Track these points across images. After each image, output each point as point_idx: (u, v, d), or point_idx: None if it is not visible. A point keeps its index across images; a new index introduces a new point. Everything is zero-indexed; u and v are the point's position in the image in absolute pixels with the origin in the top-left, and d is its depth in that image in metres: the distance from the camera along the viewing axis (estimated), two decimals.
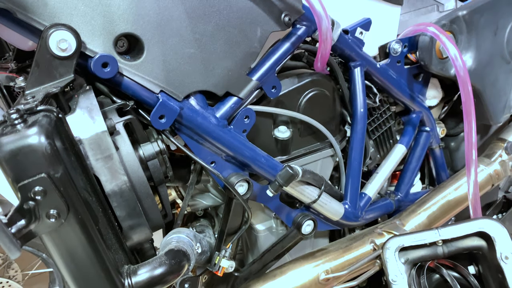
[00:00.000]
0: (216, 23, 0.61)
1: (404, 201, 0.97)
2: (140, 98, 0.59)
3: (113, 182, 0.52)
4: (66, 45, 0.50)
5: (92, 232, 0.47)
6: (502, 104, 0.97)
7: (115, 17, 0.54)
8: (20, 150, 0.41)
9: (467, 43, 0.87)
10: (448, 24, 0.84)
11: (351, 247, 0.84)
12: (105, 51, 0.54)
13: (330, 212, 0.81)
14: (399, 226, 0.89)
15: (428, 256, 0.77)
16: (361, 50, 0.79)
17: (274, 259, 0.82)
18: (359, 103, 0.79)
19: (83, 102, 0.53)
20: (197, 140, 0.65)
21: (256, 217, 0.85)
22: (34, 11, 0.50)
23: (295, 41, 0.69)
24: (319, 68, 0.74)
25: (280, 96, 0.72)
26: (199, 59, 0.61)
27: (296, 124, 0.77)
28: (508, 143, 1.04)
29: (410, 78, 0.89)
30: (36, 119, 0.43)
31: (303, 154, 0.80)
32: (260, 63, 0.68)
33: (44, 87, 0.51)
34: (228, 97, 0.66)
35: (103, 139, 0.51)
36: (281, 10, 0.66)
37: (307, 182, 0.75)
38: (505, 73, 0.95)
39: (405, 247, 0.77)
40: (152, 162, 0.60)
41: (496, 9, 0.90)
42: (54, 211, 0.43)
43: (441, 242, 0.76)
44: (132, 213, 0.54)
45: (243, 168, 0.71)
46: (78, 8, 0.52)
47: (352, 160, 0.83)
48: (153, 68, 0.58)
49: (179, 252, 0.56)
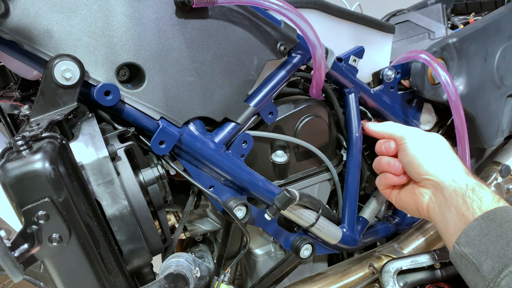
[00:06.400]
0: (214, 53, 0.63)
1: (402, 225, 0.97)
2: (141, 124, 0.60)
3: (114, 206, 0.53)
4: (70, 74, 0.52)
5: (93, 256, 0.48)
6: (495, 128, 0.99)
7: (117, 48, 0.56)
8: (25, 175, 0.42)
9: (458, 69, 0.90)
10: (439, 51, 0.87)
11: (349, 271, 0.84)
12: (107, 80, 0.56)
13: (328, 235, 0.81)
14: (398, 250, 0.89)
15: (426, 279, 0.78)
16: (355, 76, 0.81)
17: (273, 283, 0.82)
18: (354, 128, 0.81)
19: (85, 129, 0.55)
20: (196, 165, 0.66)
21: (255, 241, 0.85)
22: (40, 43, 0.53)
23: (290, 69, 0.72)
24: (314, 95, 0.76)
25: (277, 121, 0.74)
26: (198, 86, 0.63)
27: (293, 148, 0.79)
28: (502, 166, 1.06)
29: (404, 103, 0.92)
30: (41, 146, 0.45)
31: (300, 178, 0.81)
32: (257, 90, 0.70)
33: (48, 114, 0.53)
34: (226, 123, 0.68)
35: (104, 164, 0.52)
36: (277, 40, 0.68)
37: (305, 206, 0.76)
38: (497, 98, 0.97)
39: (403, 270, 0.77)
40: (152, 187, 0.61)
41: (485, 36, 0.93)
42: (56, 235, 0.44)
43: (439, 265, 0.76)
44: (132, 237, 0.55)
45: (242, 192, 0.72)
46: (82, 39, 0.55)
47: (349, 184, 0.84)
48: (154, 96, 0.60)
49: (178, 276, 0.57)
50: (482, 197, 0.60)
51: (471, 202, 0.60)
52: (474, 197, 0.61)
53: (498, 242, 0.55)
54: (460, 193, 0.62)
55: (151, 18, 0.58)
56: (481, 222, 0.58)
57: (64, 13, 0.53)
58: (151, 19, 0.58)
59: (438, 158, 0.67)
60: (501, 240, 0.55)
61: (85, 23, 0.54)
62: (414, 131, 0.73)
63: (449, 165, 0.66)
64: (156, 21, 0.58)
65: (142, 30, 0.57)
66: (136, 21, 0.57)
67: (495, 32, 0.94)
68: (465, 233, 0.59)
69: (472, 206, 0.60)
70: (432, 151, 0.68)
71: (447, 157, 0.68)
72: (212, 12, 0.62)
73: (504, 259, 0.54)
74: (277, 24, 0.68)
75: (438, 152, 0.68)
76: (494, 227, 0.56)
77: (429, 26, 1.11)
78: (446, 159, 0.67)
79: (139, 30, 0.57)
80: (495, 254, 0.55)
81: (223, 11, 0.62)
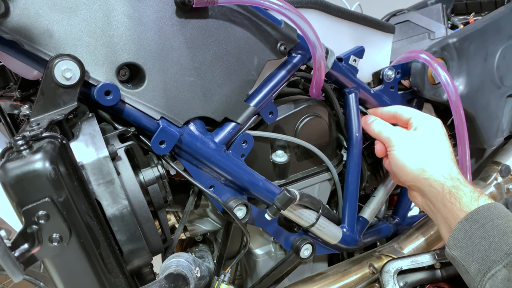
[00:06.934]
0: (214, 52, 0.63)
1: (402, 225, 0.97)
2: (141, 124, 0.60)
3: (114, 206, 0.53)
4: (70, 74, 0.52)
5: (93, 256, 0.48)
6: (495, 128, 0.99)
7: (117, 48, 0.56)
8: (26, 175, 0.42)
9: (458, 69, 0.90)
10: (439, 51, 0.87)
11: (349, 271, 0.84)
12: (107, 79, 0.56)
13: (328, 235, 0.81)
14: (398, 250, 0.89)
15: (426, 279, 0.78)
16: (355, 76, 0.81)
17: (273, 283, 0.82)
18: (354, 127, 0.81)
19: (86, 129, 0.55)
20: (196, 165, 0.66)
21: (255, 241, 0.85)
22: (40, 42, 0.53)
23: (290, 68, 0.72)
24: (314, 95, 0.76)
25: (277, 121, 0.74)
26: (198, 86, 0.63)
27: (293, 148, 0.79)
28: (502, 166, 1.06)
29: (404, 103, 0.92)
30: (41, 145, 0.45)
31: (300, 178, 0.81)
32: (257, 90, 0.70)
33: (48, 114, 0.53)
34: (226, 122, 0.68)
35: (105, 164, 0.52)
36: (277, 40, 0.68)
37: (305, 206, 0.76)
38: (497, 98, 0.97)
39: (403, 270, 0.77)
40: (152, 187, 0.61)
41: (485, 36, 0.93)
42: (56, 235, 0.44)
43: (439, 265, 0.76)
44: (132, 237, 0.55)
45: (242, 192, 0.72)
46: (82, 39, 0.55)
47: (349, 184, 0.84)
48: (154, 96, 0.60)
49: (179, 276, 0.57)
50: (460, 199, 0.62)
51: (450, 205, 0.62)
52: (452, 200, 0.62)
53: (481, 244, 0.56)
54: (440, 198, 0.64)
55: (151, 18, 0.58)
56: (465, 224, 0.59)
57: (64, 13, 0.53)
58: (151, 19, 0.58)
59: (421, 162, 0.68)
60: (484, 242, 0.56)
61: (85, 22, 0.54)
62: (401, 135, 0.72)
63: (430, 169, 0.67)
64: (156, 21, 0.58)
65: (143, 30, 0.57)
66: (137, 21, 0.57)
67: (495, 32, 0.94)
68: (452, 236, 0.60)
69: (453, 210, 0.61)
70: (417, 156, 0.69)
71: (430, 159, 0.68)
72: (212, 12, 0.62)
73: (487, 261, 0.55)
74: (277, 24, 0.68)
75: (422, 155, 0.69)
76: (477, 228, 0.58)
77: (429, 26, 1.11)
78: (429, 162, 0.68)
79: (139, 30, 0.57)
80: (479, 257, 0.56)
81: (223, 11, 0.62)
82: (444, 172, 0.66)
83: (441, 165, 0.67)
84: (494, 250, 0.55)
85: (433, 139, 0.70)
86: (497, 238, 0.56)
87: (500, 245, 0.55)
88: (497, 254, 0.54)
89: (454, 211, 0.61)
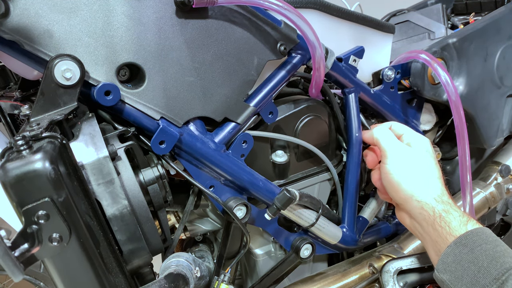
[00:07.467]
0: (214, 53, 0.63)
1: (402, 225, 0.97)
2: (141, 124, 0.60)
3: (114, 206, 0.53)
4: (70, 74, 0.52)
5: (93, 256, 0.48)
6: (495, 128, 0.99)
7: (117, 48, 0.57)
8: (26, 175, 0.42)
9: (458, 69, 0.90)
10: (439, 51, 0.87)
11: (349, 271, 0.84)
12: (107, 80, 0.56)
13: (328, 235, 0.81)
14: (398, 250, 0.89)
15: (426, 279, 0.78)
16: (354, 77, 0.81)
17: (273, 283, 0.82)
18: (354, 128, 0.81)
19: (86, 129, 0.55)
20: (196, 164, 0.66)
21: (255, 241, 0.85)
22: (40, 43, 0.53)
23: (290, 69, 0.72)
24: (314, 95, 0.76)
25: (277, 121, 0.74)
26: (198, 86, 0.63)
27: (293, 148, 0.79)
28: (502, 166, 1.06)
29: (404, 103, 0.92)
30: (41, 145, 0.45)
31: (300, 178, 0.81)
32: (257, 90, 0.70)
33: (48, 114, 0.53)
34: (226, 122, 0.68)
35: (105, 164, 0.52)
36: (277, 40, 0.68)
37: (305, 206, 0.76)
38: (496, 98, 0.97)
39: (403, 270, 0.77)
40: (152, 187, 0.62)
41: (485, 36, 0.93)
42: (56, 235, 0.44)
43: None
44: (132, 237, 0.55)
45: (242, 192, 0.72)
46: (82, 39, 0.55)
47: (349, 184, 0.84)
48: (154, 96, 0.60)
49: (179, 276, 0.57)
50: (450, 223, 0.62)
51: (440, 229, 0.62)
52: (442, 224, 0.62)
53: (470, 269, 0.57)
54: (430, 222, 0.64)
55: (151, 18, 0.58)
56: (454, 248, 0.59)
57: (64, 13, 0.53)
58: (151, 19, 0.58)
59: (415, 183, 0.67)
60: (473, 267, 0.57)
61: (85, 23, 0.54)
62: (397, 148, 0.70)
63: (423, 191, 0.66)
64: (156, 21, 0.58)
65: (142, 30, 0.57)
66: (136, 21, 0.57)
67: (495, 32, 0.94)
68: (442, 260, 0.61)
69: (443, 234, 0.62)
70: (410, 175, 0.67)
71: (423, 180, 0.67)
72: (212, 12, 0.62)
73: (476, 286, 0.56)
74: (277, 24, 0.68)
75: (416, 175, 0.67)
76: (466, 253, 0.58)
77: (429, 26, 1.11)
78: (422, 184, 0.67)
79: (139, 30, 0.57)
80: (468, 281, 0.57)
81: (223, 11, 0.62)
82: (435, 195, 0.65)
83: (433, 188, 0.66)
84: (483, 275, 0.55)
85: (425, 159, 0.69)
86: (485, 263, 0.56)
87: (489, 270, 0.55)
88: (486, 279, 0.55)
89: (444, 235, 0.61)
